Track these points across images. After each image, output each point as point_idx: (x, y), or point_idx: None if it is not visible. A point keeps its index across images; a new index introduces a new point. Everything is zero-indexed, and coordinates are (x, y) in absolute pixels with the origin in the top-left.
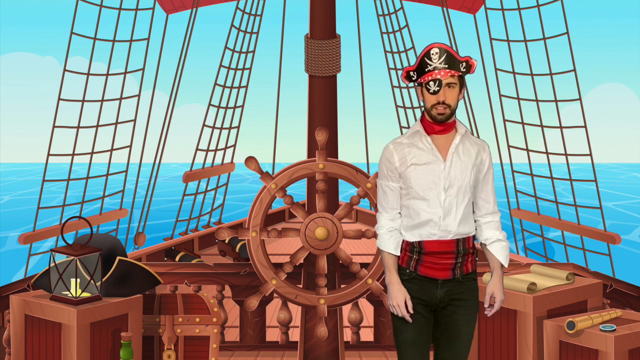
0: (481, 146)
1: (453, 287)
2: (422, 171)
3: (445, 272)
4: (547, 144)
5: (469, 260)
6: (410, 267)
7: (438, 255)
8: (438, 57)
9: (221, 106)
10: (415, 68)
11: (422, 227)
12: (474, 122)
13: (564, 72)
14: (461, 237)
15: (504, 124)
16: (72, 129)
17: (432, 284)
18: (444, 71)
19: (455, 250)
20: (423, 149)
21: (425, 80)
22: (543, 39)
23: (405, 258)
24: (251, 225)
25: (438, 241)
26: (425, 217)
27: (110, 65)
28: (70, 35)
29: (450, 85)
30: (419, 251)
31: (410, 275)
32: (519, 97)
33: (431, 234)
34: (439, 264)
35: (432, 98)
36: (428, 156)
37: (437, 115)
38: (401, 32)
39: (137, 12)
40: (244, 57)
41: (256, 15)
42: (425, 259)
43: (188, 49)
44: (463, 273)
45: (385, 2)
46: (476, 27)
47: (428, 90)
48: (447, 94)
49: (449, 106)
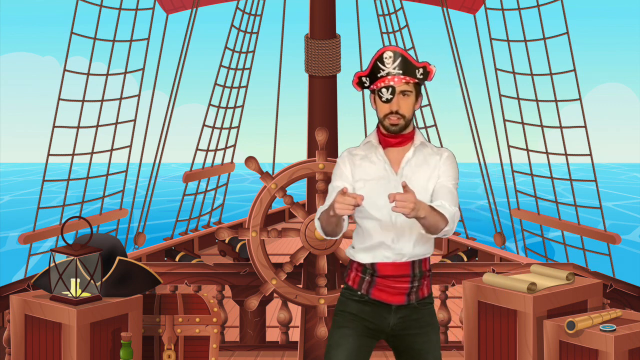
0: (441, 153)
1: (408, 314)
2: (371, 188)
3: (399, 297)
4: (547, 144)
5: (425, 283)
6: (362, 289)
7: (392, 279)
8: (392, 62)
9: (221, 106)
10: (367, 73)
11: (375, 249)
12: (474, 122)
13: (564, 72)
14: (417, 259)
15: (504, 124)
16: (72, 129)
17: (384, 309)
18: (398, 77)
19: (411, 273)
20: (375, 162)
21: (378, 86)
22: (543, 39)
23: (357, 279)
24: (251, 225)
25: (392, 264)
26: (377, 239)
27: (110, 65)
28: (70, 35)
29: (404, 94)
30: (371, 273)
31: (362, 298)
32: (519, 97)
33: (385, 257)
34: (393, 288)
35: (384, 107)
36: (379, 171)
37: (389, 126)
38: (401, 32)
39: (137, 12)
40: (244, 57)
41: (256, 15)
42: (378, 282)
43: (188, 49)
44: (419, 298)
45: (385, 2)
46: (476, 27)
47: (380, 98)
48: (401, 103)
49: (403, 116)
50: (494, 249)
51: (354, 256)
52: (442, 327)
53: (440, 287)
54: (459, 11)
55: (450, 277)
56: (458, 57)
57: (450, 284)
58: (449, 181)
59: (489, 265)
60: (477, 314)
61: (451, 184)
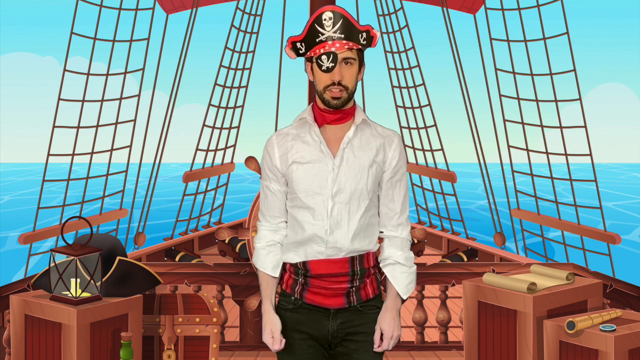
0: (387, 138)
1: (350, 319)
2: (305, 172)
3: (337, 299)
4: (547, 144)
5: (369, 281)
6: (296, 293)
7: (327, 279)
8: (332, 24)
9: (221, 106)
10: (303, 37)
11: (307, 243)
12: (474, 122)
13: (564, 72)
14: (357, 254)
15: (504, 124)
16: (72, 129)
17: (322, 314)
18: (340, 42)
19: (350, 271)
20: (309, 143)
21: (317, 53)
22: (543, 39)
23: (290, 282)
24: (251, 225)
25: (326, 260)
26: (310, 230)
27: (110, 65)
28: (70, 35)
29: (347, 61)
30: (304, 274)
31: (295, 304)
32: (519, 97)
33: (317, 252)
34: (328, 289)
35: (325, 77)
36: (314, 152)
37: (330, 100)
38: (401, 32)
39: (137, 12)
40: (244, 57)
41: (256, 15)
42: (312, 283)
43: (188, 49)
44: (361, 300)
45: (385, 2)
46: (476, 27)
47: (320, 67)
48: (344, 72)
49: (346, 88)
50: (494, 249)
51: (287, 256)
52: (442, 327)
53: (440, 287)
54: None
55: (450, 277)
56: (458, 57)
57: (450, 284)
58: (401, 177)
59: (489, 265)
60: (477, 314)
61: (404, 180)
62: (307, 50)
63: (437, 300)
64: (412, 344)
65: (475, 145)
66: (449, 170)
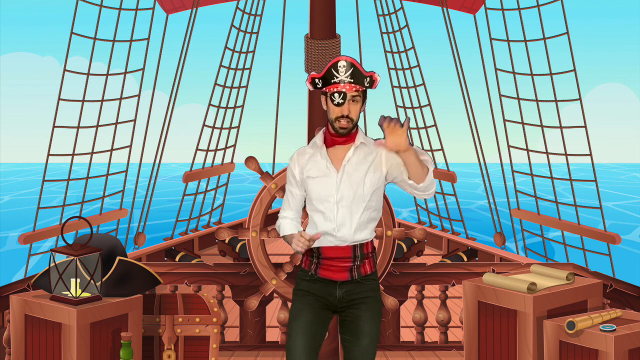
0: (377, 148)
1: (352, 288)
2: (316, 184)
3: (342, 274)
4: (547, 144)
5: (367, 261)
6: (312, 269)
7: (336, 260)
8: (345, 71)
9: (221, 106)
10: (321, 76)
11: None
12: (474, 122)
13: (564, 72)
14: (358, 243)
15: (504, 124)
16: (72, 129)
17: (331, 285)
18: (349, 85)
19: (352, 255)
20: (318, 161)
21: (331, 91)
22: (543, 39)
23: (307, 262)
24: (251, 225)
25: (335, 247)
26: (322, 228)
27: (110, 65)
28: (70, 35)
29: (354, 100)
30: (317, 256)
31: (312, 277)
32: (519, 97)
33: (329, 242)
34: (336, 267)
35: (336, 110)
36: (322, 169)
37: (339, 129)
38: (401, 32)
39: (137, 12)
40: (244, 57)
41: (256, 15)
42: (324, 263)
43: (188, 49)
44: (361, 274)
45: (385, 2)
46: (476, 27)
47: (332, 101)
48: (351, 108)
49: (352, 120)
50: (494, 249)
51: None
52: (442, 327)
53: (440, 287)
54: (459, 11)
55: (450, 277)
56: (458, 57)
57: (450, 284)
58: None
59: (489, 265)
60: (477, 314)
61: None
62: (323, 86)
63: (437, 300)
64: (412, 344)
65: (475, 145)
66: (449, 170)
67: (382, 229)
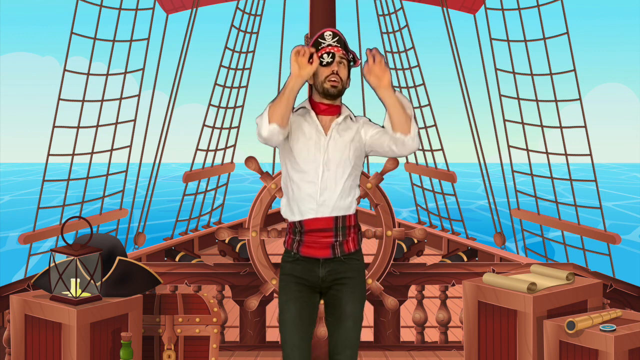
0: (358, 120)
1: (335, 267)
2: (304, 143)
3: (325, 250)
4: (547, 144)
5: (350, 238)
6: (294, 248)
7: (317, 233)
8: (331, 38)
9: (221, 106)
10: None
11: (302, 201)
12: (474, 122)
13: (564, 72)
14: (340, 215)
15: (504, 124)
16: (72, 129)
17: (314, 264)
18: (337, 48)
19: (334, 227)
20: (309, 123)
21: (320, 53)
22: (543, 39)
23: (290, 241)
24: (251, 225)
25: (317, 219)
26: (304, 190)
27: (110, 65)
28: (70, 35)
29: (341, 62)
30: (299, 231)
31: (294, 257)
32: (519, 97)
33: (310, 209)
34: (318, 243)
35: (325, 70)
36: (311, 130)
37: (330, 88)
38: (401, 32)
39: (137, 12)
40: (244, 57)
41: (256, 15)
42: (306, 240)
43: (188, 49)
44: (344, 252)
45: (385, 2)
46: (476, 27)
47: (321, 62)
48: (339, 68)
49: (341, 80)
50: (494, 249)
51: (287, 215)
52: (442, 327)
53: (440, 287)
54: (459, 11)
55: (450, 277)
56: (458, 57)
57: (450, 284)
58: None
59: (489, 265)
60: (477, 314)
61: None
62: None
63: (437, 300)
64: (412, 344)
65: (475, 145)
66: (449, 170)
67: (382, 229)
